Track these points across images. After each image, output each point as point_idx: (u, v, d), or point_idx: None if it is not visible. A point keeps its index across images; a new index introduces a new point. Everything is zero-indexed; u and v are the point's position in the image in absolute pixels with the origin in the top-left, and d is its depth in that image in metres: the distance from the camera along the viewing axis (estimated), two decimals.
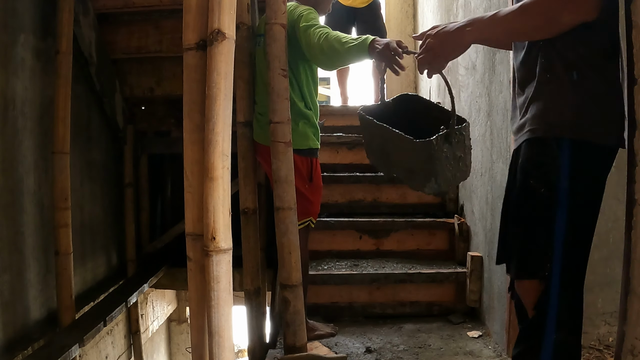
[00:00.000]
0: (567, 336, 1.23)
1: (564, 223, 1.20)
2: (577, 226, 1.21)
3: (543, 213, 1.21)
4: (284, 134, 1.87)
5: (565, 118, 1.19)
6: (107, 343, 3.07)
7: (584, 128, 1.18)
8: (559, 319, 1.22)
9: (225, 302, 1.13)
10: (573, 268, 1.23)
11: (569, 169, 1.19)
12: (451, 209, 3.15)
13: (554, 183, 1.20)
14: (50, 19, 2.40)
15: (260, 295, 2.10)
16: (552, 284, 1.22)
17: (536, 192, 1.22)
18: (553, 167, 1.20)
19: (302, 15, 2.02)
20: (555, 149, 1.20)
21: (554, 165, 1.20)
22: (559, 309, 1.22)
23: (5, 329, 2.11)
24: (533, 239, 1.24)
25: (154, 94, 3.18)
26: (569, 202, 1.19)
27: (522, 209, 1.26)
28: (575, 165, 1.19)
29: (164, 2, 2.75)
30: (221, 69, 1.15)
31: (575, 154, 1.19)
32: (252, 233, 2.02)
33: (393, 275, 2.67)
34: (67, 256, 2.35)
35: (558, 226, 1.20)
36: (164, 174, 3.86)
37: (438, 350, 2.24)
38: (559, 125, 1.20)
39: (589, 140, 1.18)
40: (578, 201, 1.20)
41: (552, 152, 1.20)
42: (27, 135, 2.29)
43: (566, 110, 1.19)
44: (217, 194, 1.13)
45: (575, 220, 1.20)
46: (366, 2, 4.20)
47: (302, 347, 1.89)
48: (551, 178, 1.20)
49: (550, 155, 1.20)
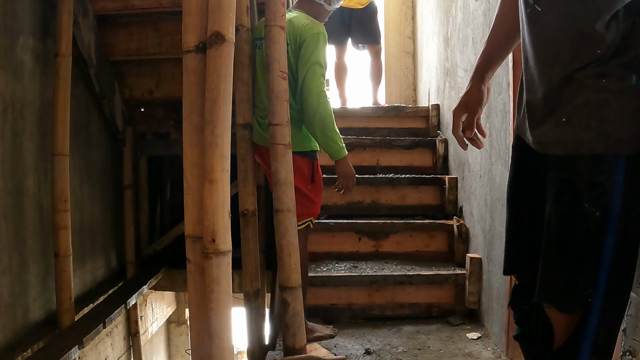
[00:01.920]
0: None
1: (611, 248, 1.07)
2: (625, 251, 1.09)
3: (596, 239, 1.08)
4: (283, 136, 1.87)
5: (624, 131, 1.04)
6: (107, 345, 3.06)
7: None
8: (593, 348, 1.12)
9: (225, 304, 1.13)
10: (617, 295, 1.12)
11: (622, 189, 1.05)
12: (450, 211, 3.16)
13: (608, 205, 1.06)
14: (50, 21, 2.41)
15: (259, 297, 2.10)
16: (592, 312, 1.10)
17: (591, 216, 1.07)
18: (609, 188, 1.05)
19: (313, 37, 2.08)
20: (613, 166, 1.05)
21: (609, 184, 1.05)
22: (595, 339, 1.12)
23: (4, 330, 2.11)
24: (582, 268, 1.10)
25: (153, 96, 3.18)
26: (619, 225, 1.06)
27: (572, 234, 1.11)
28: (629, 184, 1.05)
29: (164, 4, 2.75)
30: (221, 71, 1.15)
31: (629, 172, 1.05)
32: (251, 235, 2.02)
33: (392, 277, 2.68)
34: (66, 258, 2.35)
35: (605, 253, 1.08)
36: (163, 175, 3.85)
37: (437, 352, 2.24)
38: (618, 140, 1.04)
39: None
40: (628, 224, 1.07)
41: (609, 169, 1.05)
42: (26, 137, 2.30)
43: (627, 120, 1.04)
44: (217, 196, 1.13)
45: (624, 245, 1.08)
46: (364, 4, 4.21)
47: (302, 348, 1.89)
48: (606, 200, 1.06)
49: (606, 173, 1.06)
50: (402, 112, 3.94)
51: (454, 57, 3.16)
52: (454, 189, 3.15)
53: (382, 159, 3.53)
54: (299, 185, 2.07)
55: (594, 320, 1.10)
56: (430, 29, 4.19)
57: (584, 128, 1.05)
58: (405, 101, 5.13)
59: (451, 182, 3.15)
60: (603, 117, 1.03)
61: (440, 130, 3.75)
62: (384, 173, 3.41)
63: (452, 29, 3.22)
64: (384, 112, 3.94)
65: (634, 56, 1.02)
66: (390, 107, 3.99)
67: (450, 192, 3.15)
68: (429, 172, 3.48)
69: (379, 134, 3.76)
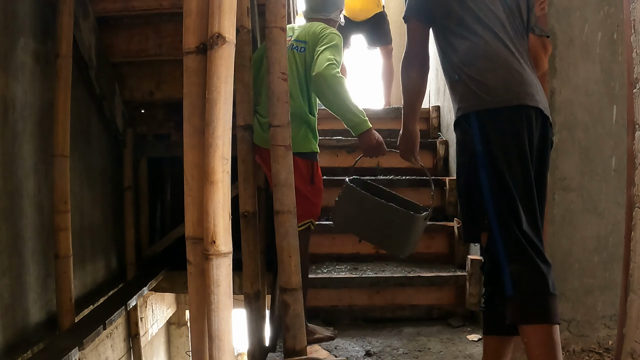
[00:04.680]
0: (520, 266, 1.42)
1: (486, 181, 1.47)
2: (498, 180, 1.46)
3: (474, 178, 1.51)
4: (283, 138, 1.87)
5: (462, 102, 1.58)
6: (107, 346, 3.06)
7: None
8: (507, 255, 1.43)
9: (225, 305, 1.13)
10: (505, 215, 1.45)
11: (480, 135, 1.49)
12: (451, 213, 3.15)
13: (473, 151, 1.50)
14: (50, 23, 2.41)
15: (260, 299, 2.10)
16: (494, 232, 1.46)
17: (464, 163, 1.57)
18: (469, 139, 1.52)
19: (329, 35, 2.16)
20: (468, 123, 1.53)
21: (469, 136, 1.52)
22: (505, 247, 1.43)
23: (4, 332, 2.11)
24: (472, 204, 1.54)
25: (153, 97, 3.18)
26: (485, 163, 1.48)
27: (459, 181, 1.63)
28: (484, 132, 1.48)
29: (164, 6, 2.75)
30: (221, 72, 1.15)
31: (481, 123, 1.50)
32: (252, 236, 2.02)
33: (393, 279, 2.67)
34: (66, 259, 2.35)
35: (484, 187, 1.47)
36: (163, 177, 3.86)
37: (438, 354, 2.24)
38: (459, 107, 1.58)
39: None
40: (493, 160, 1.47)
41: (466, 127, 1.54)
42: (26, 138, 2.30)
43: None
44: (217, 197, 1.13)
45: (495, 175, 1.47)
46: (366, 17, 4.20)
47: (302, 350, 1.89)
48: (470, 148, 1.51)
49: (465, 129, 1.55)
50: None
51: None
52: (454, 190, 3.14)
53: (383, 161, 3.51)
54: (298, 186, 2.08)
55: (497, 236, 1.45)
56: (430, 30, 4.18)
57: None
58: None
59: (452, 183, 3.14)
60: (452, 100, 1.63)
61: (441, 131, 3.75)
62: (385, 175, 3.40)
63: None
64: (384, 114, 3.93)
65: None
66: (390, 109, 3.99)
67: (451, 194, 3.15)
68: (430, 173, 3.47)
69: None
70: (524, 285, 1.39)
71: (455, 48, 1.59)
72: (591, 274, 2.17)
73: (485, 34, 1.53)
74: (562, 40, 2.12)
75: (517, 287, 1.40)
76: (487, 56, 1.51)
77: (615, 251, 2.12)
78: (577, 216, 2.16)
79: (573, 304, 2.19)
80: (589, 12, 2.11)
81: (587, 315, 2.20)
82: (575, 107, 2.15)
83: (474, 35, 1.55)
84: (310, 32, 2.21)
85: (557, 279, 2.20)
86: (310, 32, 2.21)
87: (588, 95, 2.15)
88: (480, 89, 1.49)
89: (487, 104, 1.48)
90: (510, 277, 1.41)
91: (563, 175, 2.15)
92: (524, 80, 1.49)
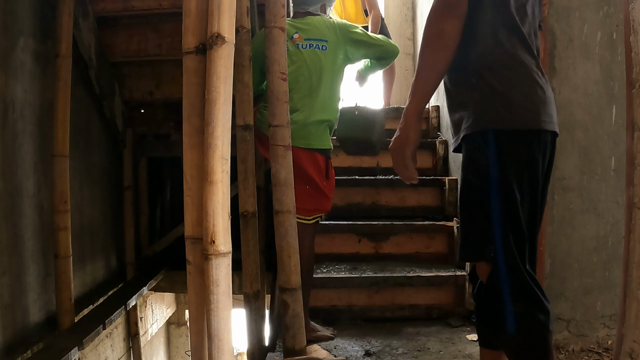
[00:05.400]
0: (526, 309, 1.33)
1: (498, 209, 1.34)
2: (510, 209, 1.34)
3: (483, 202, 1.37)
4: (283, 138, 1.87)
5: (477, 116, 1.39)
6: (107, 346, 3.06)
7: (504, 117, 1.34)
8: (512, 294, 1.33)
9: (225, 305, 1.13)
10: (514, 247, 1.34)
11: (497, 158, 1.34)
12: (450, 212, 3.15)
13: (486, 173, 1.35)
14: (50, 22, 2.41)
15: (259, 299, 2.10)
16: (499, 262, 1.34)
17: (474, 183, 1.39)
18: (484, 160, 1.36)
19: (352, 27, 2.33)
20: (483, 142, 1.37)
21: (484, 157, 1.36)
22: (510, 287, 1.33)
23: (4, 332, 2.11)
24: (477, 227, 1.40)
25: (153, 97, 3.19)
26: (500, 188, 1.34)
27: (465, 201, 1.44)
28: (502, 155, 1.34)
29: (164, 6, 2.75)
30: (221, 72, 1.15)
31: (500, 144, 1.35)
32: (251, 236, 2.02)
33: (392, 279, 2.67)
34: (66, 259, 2.35)
35: (494, 213, 1.34)
36: (163, 177, 3.85)
37: (437, 354, 2.24)
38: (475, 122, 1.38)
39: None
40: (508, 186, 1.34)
41: (480, 145, 1.38)
42: (26, 138, 2.30)
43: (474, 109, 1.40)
44: (217, 197, 1.13)
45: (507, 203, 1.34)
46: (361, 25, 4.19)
47: (301, 350, 1.89)
48: (483, 169, 1.36)
49: (479, 148, 1.38)
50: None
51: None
52: (454, 190, 3.14)
53: (382, 161, 3.52)
54: (316, 179, 2.20)
55: (504, 272, 1.33)
56: None
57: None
58: (405, 103, 5.11)
59: (451, 183, 3.15)
60: (461, 110, 1.42)
61: (440, 131, 3.75)
62: (384, 174, 3.41)
63: None
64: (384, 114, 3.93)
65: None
66: (390, 109, 3.99)
67: (450, 194, 3.15)
68: (429, 173, 3.48)
69: None
70: (527, 327, 1.33)
71: (478, 41, 1.37)
72: (590, 273, 2.17)
73: (516, 34, 1.36)
74: (561, 40, 2.13)
75: (521, 327, 1.33)
76: (513, 65, 1.35)
77: (615, 251, 2.12)
78: (577, 216, 2.16)
79: (572, 304, 2.19)
80: (588, 12, 2.11)
81: (586, 315, 2.20)
82: (575, 107, 2.16)
83: (505, 30, 1.35)
84: (329, 26, 2.29)
85: (556, 278, 2.21)
86: (330, 28, 2.29)
87: (587, 95, 2.15)
88: (502, 104, 1.33)
89: (507, 123, 1.34)
90: (514, 317, 1.33)
91: (562, 175, 2.15)
92: (546, 98, 1.37)
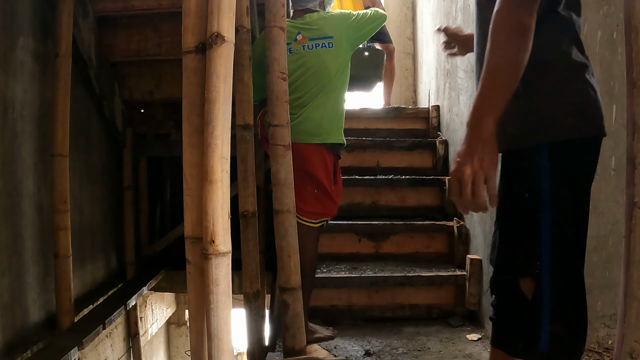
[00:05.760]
0: (563, 332, 1.27)
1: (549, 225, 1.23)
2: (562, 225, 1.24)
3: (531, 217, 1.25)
4: (283, 137, 1.87)
5: (508, 128, 1.19)
6: (106, 346, 3.06)
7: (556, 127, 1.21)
8: (552, 314, 1.25)
9: (225, 305, 1.13)
10: (564, 269, 1.26)
11: (550, 172, 1.22)
12: (450, 212, 3.15)
13: (537, 187, 1.23)
14: (50, 22, 2.40)
15: (259, 299, 2.10)
16: (543, 282, 1.25)
17: (521, 197, 1.25)
18: (534, 172, 1.24)
19: (348, 15, 2.26)
20: (534, 154, 1.23)
21: (534, 170, 1.24)
22: (552, 304, 1.25)
23: (4, 331, 2.11)
24: (522, 243, 1.28)
25: (153, 97, 3.18)
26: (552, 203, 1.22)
27: (508, 214, 1.31)
28: (555, 169, 1.22)
29: (163, 5, 2.75)
30: (220, 72, 1.15)
31: (553, 158, 1.22)
32: (251, 236, 2.02)
33: (392, 278, 2.67)
34: (66, 259, 2.35)
35: (544, 230, 1.23)
36: (163, 176, 3.85)
37: (437, 354, 2.24)
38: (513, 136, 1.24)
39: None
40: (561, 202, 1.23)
41: (530, 157, 1.24)
42: (26, 138, 2.29)
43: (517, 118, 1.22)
44: (217, 197, 1.13)
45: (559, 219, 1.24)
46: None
47: (301, 350, 1.89)
48: (532, 182, 1.24)
49: (528, 160, 1.25)
50: (402, 113, 3.93)
51: (454, 59, 3.15)
52: None
53: (382, 160, 3.53)
54: (324, 182, 2.14)
55: (547, 290, 1.24)
56: (430, 30, 4.19)
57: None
58: (405, 102, 5.13)
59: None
60: (502, 119, 1.10)
61: (441, 131, 3.75)
62: (384, 174, 3.41)
63: None
64: (384, 114, 3.93)
65: None
66: (390, 109, 3.99)
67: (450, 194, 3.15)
68: (429, 173, 3.48)
69: (379, 135, 3.76)
70: (562, 348, 1.27)
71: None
72: (590, 273, 2.16)
73: (571, 28, 1.22)
74: None
75: (555, 348, 1.26)
76: (567, 65, 1.21)
77: (615, 251, 2.12)
78: None
79: None
80: (588, 11, 2.11)
81: None
82: None
83: (561, 26, 1.21)
84: (332, 24, 2.23)
85: None
86: (333, 25, 2.23)
87: None
88: (555, 111, 1.19)
89: (561, 133, 1.20)
90: (549, 337, 1.25)
91: None
92: (598, 98, 1.23)
